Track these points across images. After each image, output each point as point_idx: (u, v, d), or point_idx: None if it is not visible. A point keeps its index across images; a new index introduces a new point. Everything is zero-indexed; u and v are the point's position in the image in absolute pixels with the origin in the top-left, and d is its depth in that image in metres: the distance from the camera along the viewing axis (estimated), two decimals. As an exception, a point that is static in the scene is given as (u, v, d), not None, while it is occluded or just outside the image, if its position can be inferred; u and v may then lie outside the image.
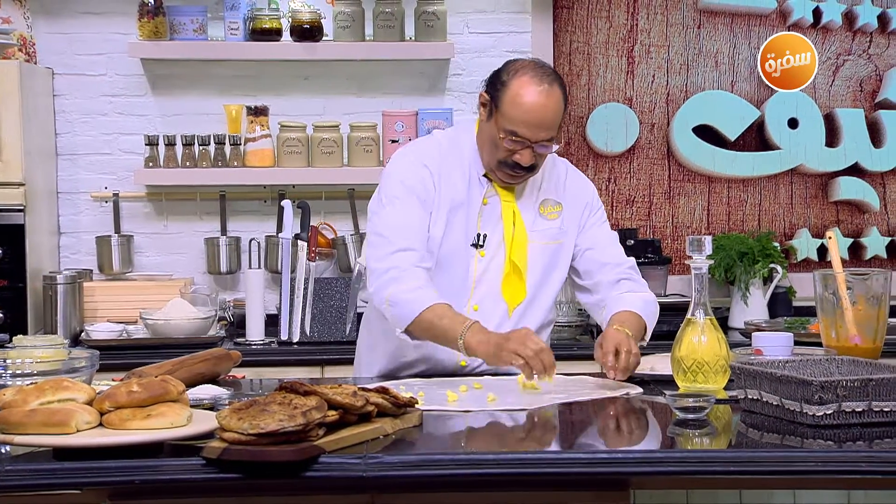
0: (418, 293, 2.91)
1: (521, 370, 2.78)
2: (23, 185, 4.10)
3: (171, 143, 4.45)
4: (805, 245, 4.76)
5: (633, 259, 3.22)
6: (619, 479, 2.27)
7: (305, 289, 4.13)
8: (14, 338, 3.11)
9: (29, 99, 4.17)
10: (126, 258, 4.49)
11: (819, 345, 2.91)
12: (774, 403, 2.44)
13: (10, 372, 2.52)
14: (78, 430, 2.19)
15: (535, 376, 2.76)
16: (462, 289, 3.04)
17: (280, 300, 4.17)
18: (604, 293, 3.13)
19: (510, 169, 3.00)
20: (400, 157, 3.12)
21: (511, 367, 2.82)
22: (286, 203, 4.19)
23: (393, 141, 4.43)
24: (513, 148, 2.97)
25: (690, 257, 2.77)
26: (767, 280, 4.46)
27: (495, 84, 3.00)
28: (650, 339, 3.11)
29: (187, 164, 4.46)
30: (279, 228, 4.27)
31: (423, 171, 3.04)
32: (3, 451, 2.24)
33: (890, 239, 4.78)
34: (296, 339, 4.11)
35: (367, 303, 3.29)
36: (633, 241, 4.45)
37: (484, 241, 3.05)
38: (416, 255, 2.97)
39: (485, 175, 3.07)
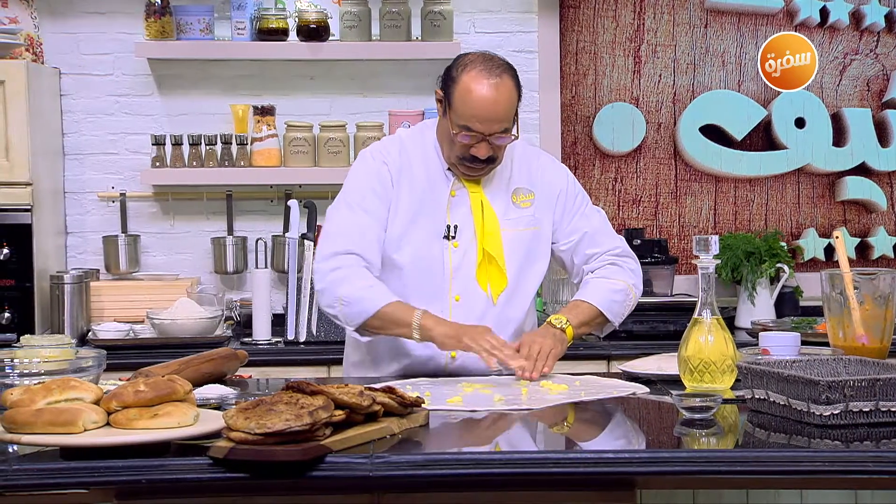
0: (372, 290, 2.98)
1: (482, 357, 2.88)
2: (30, 184, 4.10)
3: (177, 143, 4.45)
4: (812, 245, 4.75)
5: (622, 242, 3.22)
6: (625, 479, 2.27)
7: (312, 288, 4.13)
8: (21, 337, 3.13)
9: (36, 99, 4.17)
10: (133, 258, 4.50)
11: (826, 345, 2.91)
12: (781, 403, 2.44)
13: (17, 371, 2.53)
14: (85, 430, 2.20)
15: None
16: (441, 281, 3.07)
17: (286, 300, 4.17)
18: (586, 278, 3.19)
19: (469, 162, 3.03)
20: (360, 158, 3.17)
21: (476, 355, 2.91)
22: (293, 203, 4.19)
23: (399, 141, 4.43)
24: (468, 143, 2.99)
25: (697, 257, 2.76)
26: (774, 280, 4.45)
27: (447, 80, 3.03)
28: (658, 340, 3.12)
29: (194, 163, 4.46)
30: (286, 228, 4.27)
31: (381, 167, 3.09)
32: (10, 450, 2.24)
33: (897, 238, 4.78)
34: (302, 338, 4.11)
35: None
36: (639, 241, 4.44)
37: (455, 233, 3.08)
38: (362, 258, 3.02)
39: (449, 169, 3.10)
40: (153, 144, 4.45)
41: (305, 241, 4.17)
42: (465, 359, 3.05)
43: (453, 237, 3.08)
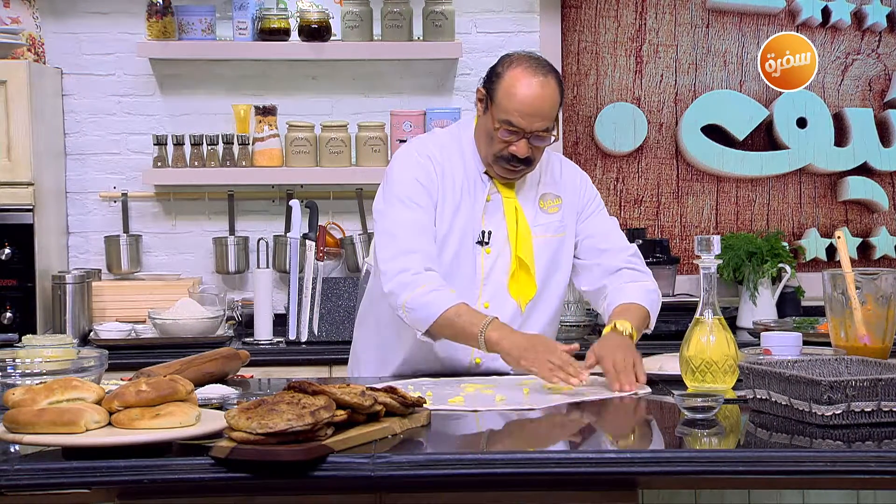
0: (434, 295, 2.92)
1: (544, 376, 2.78)
2: (32, 184, 4.11)
3: (179, 143, 4.45)
4: (814, 245, 4.75)
5: (634, 246, 3.22)
6: (627, 479, 2.27)
7: (314, 288, 4.14)
8: (23, 337, 3.13)
9: (38, 99, 4.18)
10: (134, 258, 4.50)
11: (828, 345, 2.91)
12: (783, 403, 2.44)
13: (19, 371, 2.53)
14: (87, 430, 2.20)
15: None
16: (471, 287, 3.04)
17: (288, 300, 4.17)
18: (604, 281, 3.13)
19: (507, 162, 3.00)
20: (403, 152, 3.12)
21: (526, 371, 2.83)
22: (294, 203, 4.19)
23: (401, 141, 4.42)
24: (508, 139, 2.97)
25: (699, 257, 2.76)
26: (776, 280, 4.45)
27: (491, 77, 3.02)
28: (660, 340, 3.11)
29: (195, 163, 4.46)
30: (287, 228, 4.27)
31: (426, 163, 3.05)
32: (12, 450, 2.24)
33: (899, 238, 4.77)
34: (304, 338, 4.12)
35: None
36: (641, 241, 4.44)
37: (489, 239, 3.05)
38: (425, 256, 2.97)
39: (486, 172, 3.08)
40: (155, 144, 4.45)
41: (307, 241, 4.17)
42: (488, 361, 3.03)
43: (487, 243, 3.05)
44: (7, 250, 4.07)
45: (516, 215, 3.06)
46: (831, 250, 4.75)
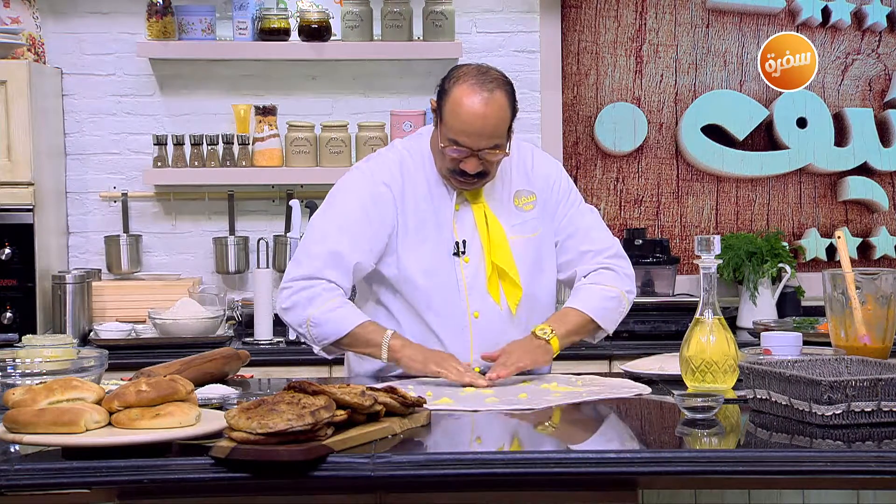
0: (342, 311, 2.96)
1: (454, 377, 2.84)
2: (32, 184, 4.11)
3: (179, 143, 4.45)
4: (814, 245, 4.75)
5: (616, 243, 3.16)
6: (627, 479, 2.27)
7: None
8: (23, 337, 3.13)
9: (38, 99, 4.18)
10: (134, 258, 4.50)
11: (828, 345, 2.91)
12: (783, 403, 2.44)
13: (19, 371, 2.53)
14: (87, 430, 2.20)
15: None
16: (457, 299, 3.02)
17: (288, 300, 4.16)
18: (580, 283, 3.11)
19: (460, 176, 2.97)
20: (358, 173, 3.08)
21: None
22: (294, 203, 4.20)
23: (401, 140, 4.43)
24: (457, 157, 2.94)
25: (699, 257, 2.76)
26: (776, 280, 4.45)
27: (440, 92, 2.97)
28: (660, 340, 3.10)
29: (196, 163, 4.46)
30: (287, 228, 4.27)
31: (381, 190, 3.01)
32: (12, 450, 2.24)
33: (899, 238, 4.77)
34: (304, 338, 4.11)
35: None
36: (641, 241, 4.45)
37: (465, 248, 3.03)
38: (333, 284, 2.97)
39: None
40: (155, 144, 4.45)
41: (307, 241, 4.17)
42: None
43: (463, 252, 3.02)
44: (7, 250, 4.07)
45: (486, 221, 3.03)
46: (831, 250, 4.75)
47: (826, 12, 4.72)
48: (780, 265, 4.42)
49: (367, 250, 2.99)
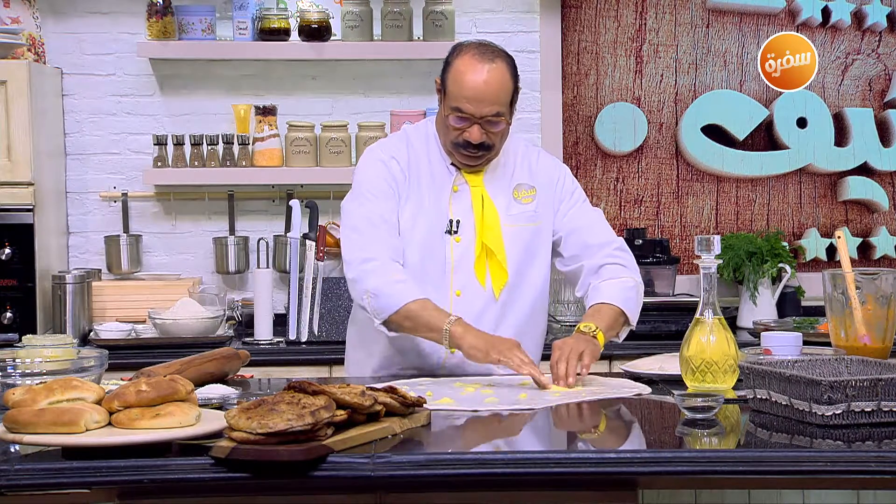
0: (401, 286, 2.96)
1: (515, 366, 2.82)
2: (32, 184, 4.11)
3: (179, 143, 4.45)
4: (814, 245, 4.75)
5: (620, 239, 3.20)
6: (627, 479, 2.27)
7: (314, 288, 4.13)
8: (23, 337, 3.13)
9: (38, 99, 4.18)
10: (135, 258, 4.50)
11: (828, 344, 2.91)
12: (783, 403, 2.44)
13: (19, 371, 2.53)
14: (87, 430, 2.20)
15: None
16: (442, 276, 3.07)
17: (288, 300, 4.17)
18: (588, 280, 3.13)
19: (464, 149, 3.03)
20: (368, 154, 3.17)
21: (495, 367, 2.88)
22: (294, 203, 4.19)
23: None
24: (460, 126, 3.00)
25: (699, 257, 2.76)
26: (776, 280, 4.45)
27: (444, 67, 3.06)
28: (660, 340, 3.10)
29: (196, 163, 4.46)
30: (287, 228, 4.26)
31: (391, 163, 3.09)
32: (12, 450, 2.24)
33: (899, 238, 4.77)
34: (304, 338, 4.11)
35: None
36: (641, 241, 4.44)
37: (458, 227, 3.08)
38: (390, 248, 3.02)
39: (452, 164, 3.11)
40: (155, 144, 4.45)
41: (307, 240, 4.17)
42: (461, 357, 3.04)
43: (455, 231, 3.08)
44: (7, 250, 4.07)
45: (482, 203, 3.08)
46: (831, 250, 4.75)
47: (826, 12, 4.72)
48: (780, 265, 4.42)
49: (396, 210, 3.07)
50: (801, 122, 4.74)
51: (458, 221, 3.08)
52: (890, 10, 4.73)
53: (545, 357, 3.02)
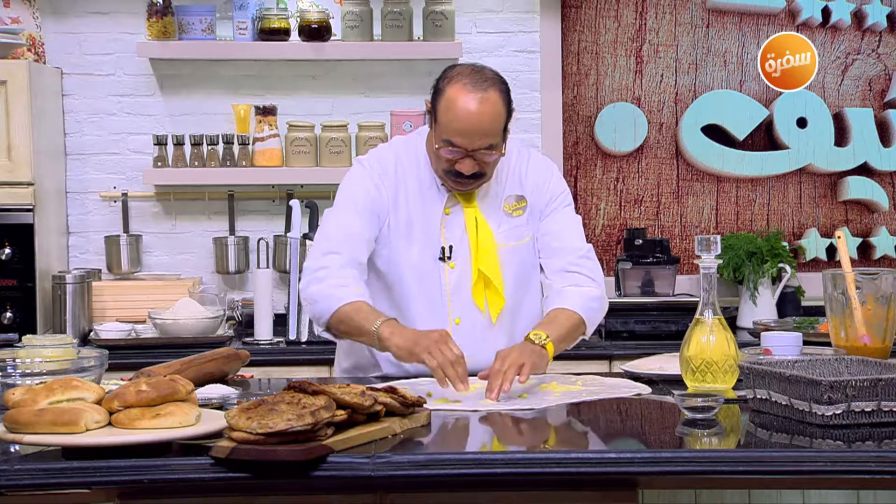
0: (339, 290, 2.90)
1: (434, 373, 2.71)
2: (32, 184, 4.11)
3: (179, 143, 4.45)
4: (814, 245, 4.75)
5: (588, 247, 3.12)
6: (627, 479, 2.27)
7: (314, 288, 4.13)
8: (23, 337, 3.13)
9: (38, 99, 4.18)
10: (135, 258, 4.50)
11: (828, 345, 2.91)
12: (783, 403, 2.44)
13: (19, 371, 2.53)
14: (87, 430, 2.20)
15: (447, 389, 2.68)
16: (439, 303, 3.01)
17: (288, 300, 4.17)
18: (551, 281, 3.06)
19: (456, 177, 2.96)
20: (356, 164, 3.11)
21: (424, 367, 2.75)
22: (294, 203, 4.20)
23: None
24: (452, 157, 2.93)
25: (699, 257, 2.76)
26: (776, 280, 4.45)
27: (434, 92, 2.96)
28: (660, 340, 3.09)
29: (196, 163, 4.47)
30: (287, 228, 4.27)
31: (377, 180, 3.02)
32: (12, 450, 2.24)
33: (899, 238, 4.77)
34: (304, 338, 4.12)
35: None
36: (641, 241, 4.44)
37: (451, 253, 3.02)
38: (349, 259, 2.95)
39: (443, 184, 3.03)
40: (155, 144, 4.46)
41: (307, 241, 4.17)
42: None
43: (449, 258, 3.01)
44: (7, 250, 4.07)
45: (476, 226, 3.01)
46: (831, 250, 4.75)
47: (826, 12, 4.72)
48: (780, 265, 4.42)
49: (373, 225, 3.01)
50: (801, 122, 4.74)
51: (451, 247, 3.01)
52: (890, 10, 4.73)
53: None
